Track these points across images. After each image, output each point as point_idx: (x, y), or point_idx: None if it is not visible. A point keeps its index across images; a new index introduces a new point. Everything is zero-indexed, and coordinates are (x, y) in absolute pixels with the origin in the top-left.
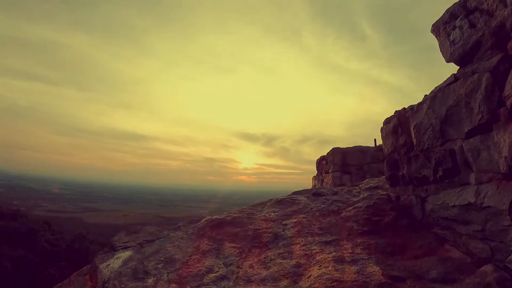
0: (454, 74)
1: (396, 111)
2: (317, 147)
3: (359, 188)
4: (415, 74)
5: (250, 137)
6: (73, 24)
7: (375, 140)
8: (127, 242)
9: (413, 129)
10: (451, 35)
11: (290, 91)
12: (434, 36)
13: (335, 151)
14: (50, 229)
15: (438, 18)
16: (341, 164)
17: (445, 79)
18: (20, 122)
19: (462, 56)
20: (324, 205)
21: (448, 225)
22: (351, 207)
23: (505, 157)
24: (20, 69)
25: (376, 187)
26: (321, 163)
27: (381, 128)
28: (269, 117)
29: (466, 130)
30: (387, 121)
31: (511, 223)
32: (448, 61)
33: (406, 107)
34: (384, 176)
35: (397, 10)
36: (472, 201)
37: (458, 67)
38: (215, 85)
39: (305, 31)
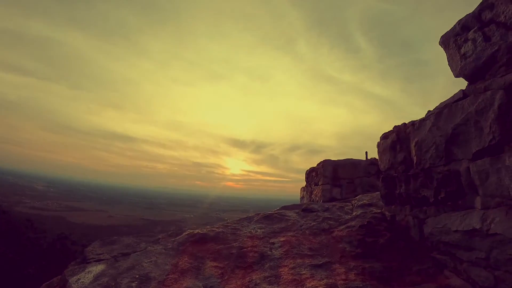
0: (463, 90)
1: (395, 126)
2: (306, 156)
3: (352, 204)
4: (408, 88)
5: (239, 144)
6: (69, 20)
7: (366, 153)
8: (101, 254)
9: (414, 146)
10: (463, 48)
11: (282, 99)
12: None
13: (326, 163)
14: (32, 227)
15: (447, 30)
16: (332, 177)
17: (440, 93)
18: (8, 116)
19: (473, 71)
20: (315, 223)
21: (448, 250)
22: (344, 226)
23: None
24: (12, 63)
25: (370, 205)
26: (311, 174)
27: (378, 143)
28: (259, 125)
29: (474, 150)
30: (384, 136)
31: None
32: (457, 76)
33: (407, 122)
34: (377, 193)
35: (392, 24)
36: (478, 227)
37: (467, 82)
38: (207, 89)
39: (300, 40)
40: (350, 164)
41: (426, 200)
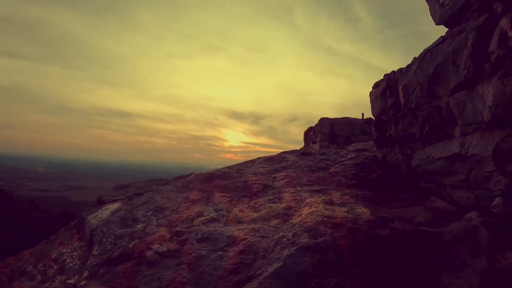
0: (443, 35)
1: (385, 74)
2: (305, 127)
3: (347, 150)
4: (409, 60)
5: (237, 116)
6: (58, 0)
7: (362, 114)
8: (115, 196)
9: (401, 89)
10: None
11: (281, 70)
12: (430, 22)
13: (323, 121)
14: (36, 208)
15: None
16: (329, 134)
17: None
18: (2, 101)
19: (451, 18)
20: (312, 163)
21: (433, 178)
22: (339, 164)
23: (489, 106)
24: (2, 48)
25: (363, 150)
26: (309, 134)
27: (370, 92)
28: (257, 96)
29: (452, 86)
30: (376, 85)
31: (495, 168)
32: (437, 23)
33: (396, 70)
34: (370, 142)
35: None
36: (457, 151)
37: (447, 29)
38: (204, 62)
39: (297, 9)
40: (346, 123)
41: (413, 136)
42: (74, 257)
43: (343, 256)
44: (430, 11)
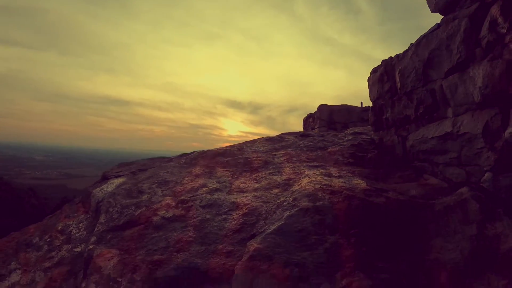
0: (438, 22)
1: (383, 60)
2: (303, 119)
3: (344, 133)
4: None
5: (236, 105)
6: None
7: (361, 102)
8: (120, 171)
9: (398, 74)
10: None
11: (280, 60)
12: (431, 16)
13: (322, 107)
14: (35, 196)
15: None
16: (328, 120)
17: None
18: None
19: (445, 6)
20: (311, 143)
21: (426, 157)
22: (337, 145)
23: (479, 88)
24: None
25: (361, 133)
26: (308, 120)
27: (368, 78)
28: (256, 86)
29: (445, 70)
30: (374, 71)
31: (484, 145)
32: (433, 11)
33: (393, 55)
34: (368, 127)
35: None
36: (449, 131)
37: (442, 16)
38: (202, 50)
39: None
40: (345, 110)
41: (408, 119)
42: (80, 228)
43: (340, 218)
44: (427, 0)
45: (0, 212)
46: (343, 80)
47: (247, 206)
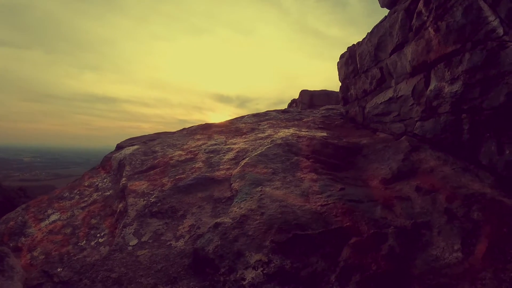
0: (386, 15)
1: (348, 47)
2: None
3: (319, 110)
4: None
5: (224, 99)
6: None
7: (340, 87)
8: (132, 142)
9: (357, 56)
10: None
11: (268, 53)
12: None
13: (304, 92)
14: (25, 196)
15: None
16: (309, 104)
17: None
18: None
19: (389, 2)
20: (290, 116)
21: (378, 120)
22: (311, 117)
23: (410, 61)
24: None
25: (333, 109)
26: (292, 105)
27: (337, 62)
28: (244, 79)
29: (389, 51)
30: (341, 56)
31: (414, 102)
32: (382, 6)
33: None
34: (339, 105)
35: None
36: (391, 96)
37: (388, 10)
38: (189, 45)
39: None
40: (324, 94)
41: (365, 92)
42: (105, 182)
43: (303, 149)
44: None
45: None
46: (331, 72)
47: (239, 148)
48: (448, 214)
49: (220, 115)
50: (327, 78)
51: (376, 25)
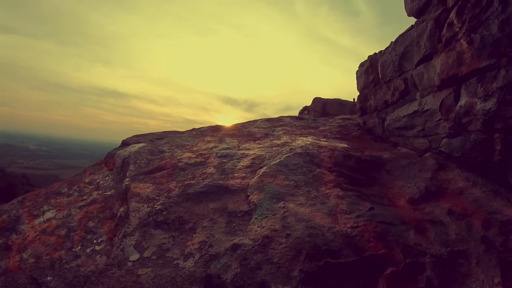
0: (412, 24)
1: (369, 55)
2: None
3: (334, 119)
4: None
5: (232, 102)
6: None
7: (354, 99)
8: (138, 139)
9: (380, 66)
10: None
11: (277, 58)
12: None
13: (316, 99)
14: (28, 183)
15: None
16: (321, 112)
17: None
18: None
19: (418, 10)
20: (305, 124)
21: (400, 133)
22: (327, 126)
23: (438, 73)
24: None
25: (349, 118)
26: (303, 112)
27: (356, 71)
28: (252, 83)
29: (415, 61)
30: (361, 65)
31: (441, 117)
32: (409, 15)
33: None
34: (356, 115)
35: None
36: (416, 109)
37: (416, 19)
38: (199, 45)
39: None
40: (338, 103)
41: (386, 103)
42: (107, 180)
43: (325, 160)
44: (405, 6)
45: None
46: (339, 80)
47: (254, 155)
48: (485, 243)
49: (228, 117)
50: (335, 86)
51: (401, 34)
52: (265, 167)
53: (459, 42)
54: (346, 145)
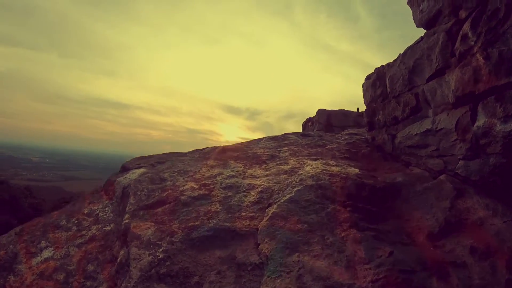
0: (422, 36)
1: (376, 68)
2: (301, 125)
3: (341, 134)
4: None
5: (234, 110)
6: None
7: (358, 108)
8: (139, 163)
9: (388, 79)
10: (421, 6)
11: (278, 66)
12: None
13: (320, 111)
14: (31, 196)
15: None
16: (326, 123)
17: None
18: None
19: (428, 22)
20: (311, 141)
21: (412, 152)
22: (334, 143)
23: (453, 90)
24: (0, 34)
25: (356, 134)
26: (307, 124)
27: (363, 84)
28: (254, 91)
29: (427, 76)
30: (368, 77)
31: (457, 137)
32: (418, 26)
33: (384, 64)
34: (362, 129)
35: None
36: (430, 127)
37: (425, 30)
38: (202, 55)
39: (297, 6)
40: (342, 114)
41: (396, 119)
42: (106, 211)
43: (338, 193)
44: (413, 16)
45: None
46: (340, 87)
47: (261, 186)
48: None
49: (230, 126)
50: (336, 93)
51: (410, 46)
52: (275, 205)
53: (474, 56)
54: (357, 171)
